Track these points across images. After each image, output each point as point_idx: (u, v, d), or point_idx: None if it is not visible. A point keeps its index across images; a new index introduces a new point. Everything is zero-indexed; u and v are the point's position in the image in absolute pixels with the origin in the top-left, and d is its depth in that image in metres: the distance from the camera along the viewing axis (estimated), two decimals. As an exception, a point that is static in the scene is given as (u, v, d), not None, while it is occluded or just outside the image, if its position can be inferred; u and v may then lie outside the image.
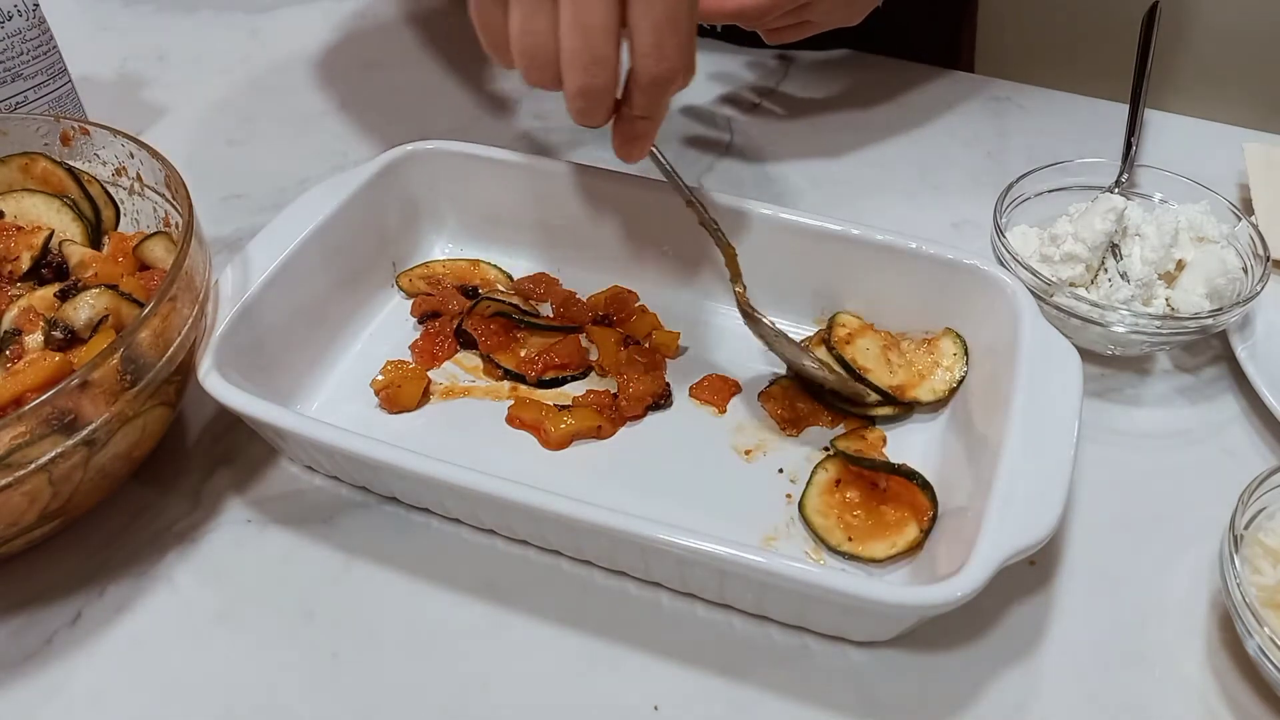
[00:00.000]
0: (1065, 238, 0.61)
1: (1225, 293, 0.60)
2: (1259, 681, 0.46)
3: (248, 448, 0.56)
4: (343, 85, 0.86)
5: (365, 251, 0.63)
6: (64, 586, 0.50)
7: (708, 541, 0.43)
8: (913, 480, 0.51)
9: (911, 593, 0.43)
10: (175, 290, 0.48)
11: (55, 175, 0.59)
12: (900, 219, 0.72)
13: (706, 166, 0.77)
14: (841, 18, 0.71)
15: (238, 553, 0.51)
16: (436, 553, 0.51)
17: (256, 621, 0.49)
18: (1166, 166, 0.67)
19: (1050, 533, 0.44)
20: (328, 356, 0.60)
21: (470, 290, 0.64)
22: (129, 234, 0.59)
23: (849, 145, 0.80)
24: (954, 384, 0.57)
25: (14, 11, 0.66)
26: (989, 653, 0.48)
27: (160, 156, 0.55)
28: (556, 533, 0.49)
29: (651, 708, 0.46)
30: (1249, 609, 0.44)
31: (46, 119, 0.59)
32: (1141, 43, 0.78)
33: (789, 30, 0.71)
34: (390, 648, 0.48)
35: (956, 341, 0.58)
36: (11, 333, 0.51)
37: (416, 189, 0.65)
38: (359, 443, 0.48)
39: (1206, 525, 0.52)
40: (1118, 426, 0.59)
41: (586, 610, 0.49)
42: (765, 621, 0.48)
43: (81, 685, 0.46)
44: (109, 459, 0.47)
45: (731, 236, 0.61)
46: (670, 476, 0.55)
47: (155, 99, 0.85)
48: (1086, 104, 0.84)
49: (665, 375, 0.59)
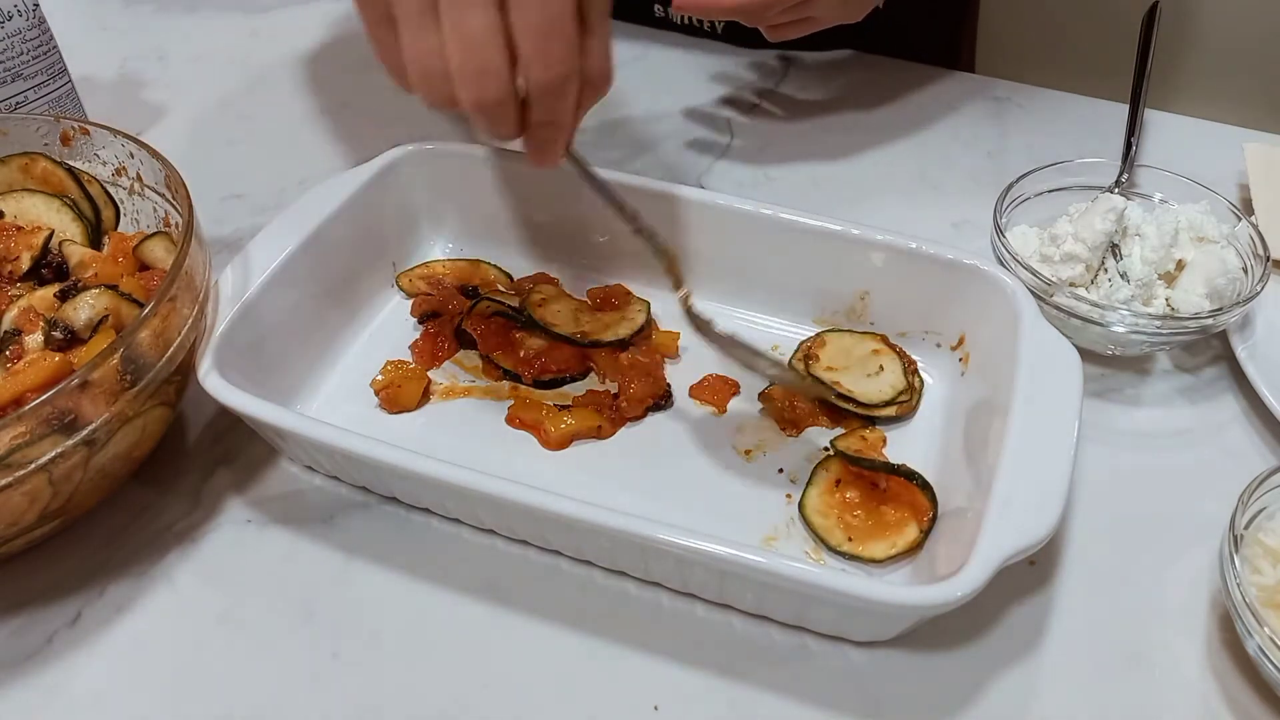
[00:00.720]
0: (1065, 238, 0.61)
1: (1225, 293, 0.60)
2: (1259, 681, 0.46)
3: (248, 448, 0.56)
4: (343, 85, 0.86)
5: (365, 251, 0.63)
6: (64, 586, 0.50)
7: (708, 541, 0.43)
8: (912, 480, 0.51)
9: (911, 593, 0.43)
10: (175, 290, 0.48)
11: (55, 175, 0.59)
12: (900, 219, 0.72)
13: (706, 167, 0.77)
14: (842, 14, 0.71)
15: (238, 553, 0.51)
16: (436, 553, 0.51)
17: (256, 621, 0.49)
18: (1166, 166, 0.67)
19: (1050, 533, 0.44)
20: (328, 356, 0.60)
21: (470, 290, 0.64)
22: (129, 234, 0.59)
23: (849, 145, 0.80)
24: (896, 392, 0.57)
25: (14, 11, 0.66)
26: (989, 653, 0.48)
27: (160, 156, 0.55)
28: (556, 533, 0.49)
29: (651, 708, 0.46)
30: (1249, 609, 0.44)
31: (46, 119, 0.59)
32: (1141, 43, 0.78)
33: (790, 27, 0.70)
34: (390, 648, 0.48)
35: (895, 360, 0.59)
36: (11, 333, 0.51)
37: (416, 189, 0.65)
38: (359, 443, 0.48)
39: (1206, 525, 0.52)
40: (1118, 426, 0.59)
41: (586, 610, 0.49)
42: (765, 621, 0.48)
43: (81, 685, 0.46)
44: (109, 459, 0.47)
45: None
46: (670, 476, 0.55)
47: (155, 99, 0.85)
48: (1086, 104, 0.84)
49: (665, 377, 0.59)
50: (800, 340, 0.61)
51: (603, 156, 0.78)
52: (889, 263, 0.59)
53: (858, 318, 0.62)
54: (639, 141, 0.80)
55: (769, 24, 0.69)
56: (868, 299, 0.61)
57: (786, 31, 0.71)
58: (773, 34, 0.71)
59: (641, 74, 0.87)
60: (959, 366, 0.59)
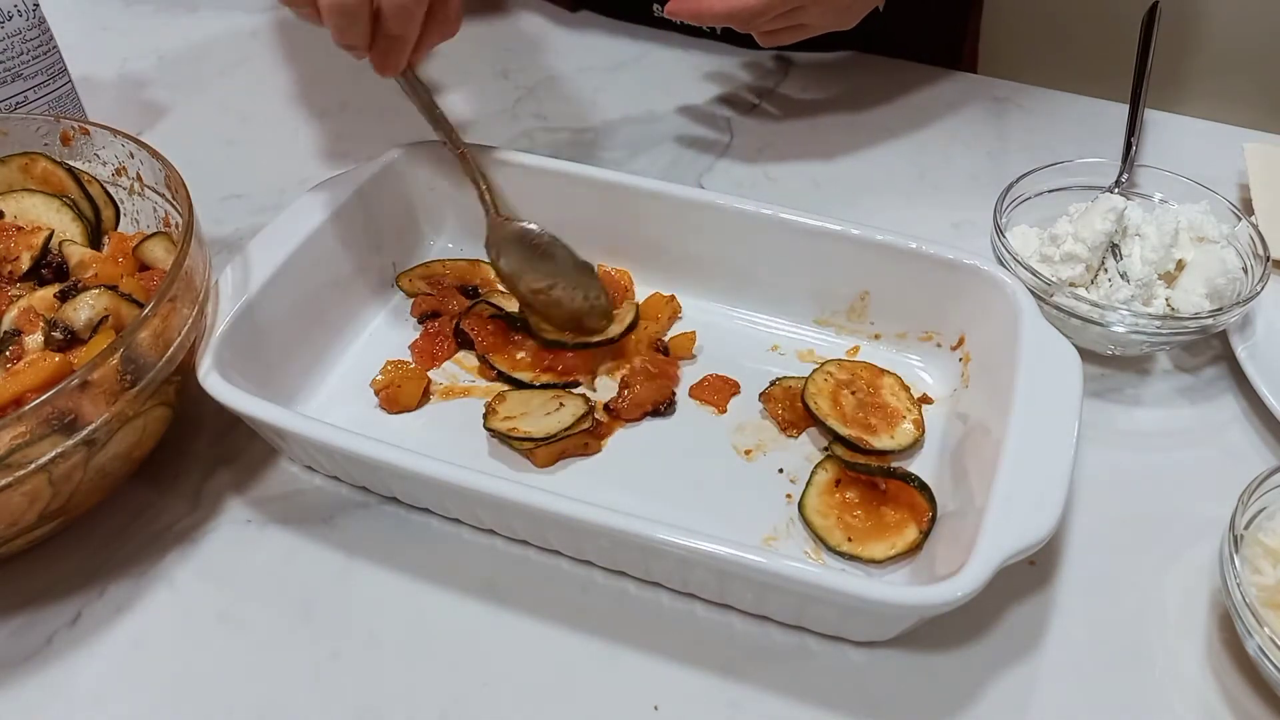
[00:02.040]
0: (1065, 238, 0.61)
1: (1225, 293, 0.60)
2: (1259, 681, 0.46)
3: (248, 448, 0.56)
4: (343, 85, 0.86)
5: (365, 251, 0.63)
6: (64, 586, 0.50)
7: (708, 541, 0.43)
8: (909, 483, 0.51)
9: (911, 593, 0.43)
10: (175, 290, 0.48)
11: (55, 175, 0.59)
12: (900, 219, 0.72)
13: (706, 166, 0.77)
14: (835, 22, 0.71)
15: (238, 553, 0.51)
16: (436, 553, 0.51)
17: (256, 621, 0.49)
18: (1166, 166, 0.67)
19: (1050, 533, 0.44)
20: (328, 356, 0.60)
21: (470, 290, 0.64)
22: (129, 234, 0.59)
23: (849, 145, 0.80)
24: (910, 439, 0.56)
25: (14, 11, 0.66)
26: (989, 653, 0.48)
27: (160, 156, 0.55)
28: (556, 533, 0.49)
29: (651, 708, 0.46)
30: (1249, 609, 0.44)
31: (47, 119, 0.59)
32: (1141, 43, 0.78)
33: (783, 33, 0.71)
34: (390, 648, 0.48)
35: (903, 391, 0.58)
36: (11, 333, 0.51)
37: (416, 189, 0.65)
38: (359, 443, 0.48)
39: (1206, 525, 0.52)
40: (1118, 426, 0.59)
41: (586, 610, 0.49)
42: (765, 621, 0.48)
43: (81, 685, 0.46)
44: (109, 459, 0.47)
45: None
46: (670, 476, 0.55)
47: (155, 99, 0.85)
48: (1086, 104, 0.84)
49: (675, 385, 0.59)
50: (798, 340, 0.62)
51: (603, 156, 0.78)
52: (889, 263, 0.59)
53: (858, 318, 0.62)
54: (639, 141, 0.80)
55: (760, 31, 0.70)
56: (868, 299, 0.61)
57: (779, 38, 0.71)
58: (765, 40, 0.71)
59: (641, 74, 0.87)
60: (959, 367, 0.59)
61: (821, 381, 0.57)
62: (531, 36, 0.94)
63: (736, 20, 0.68)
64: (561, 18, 0.96)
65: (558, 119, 0.83)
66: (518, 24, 0.95)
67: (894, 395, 0.58)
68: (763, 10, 0.66)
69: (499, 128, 0.81)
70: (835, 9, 0.69)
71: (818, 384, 0.57)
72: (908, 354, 0.61)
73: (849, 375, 0.58)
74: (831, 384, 0.57)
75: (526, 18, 0.96)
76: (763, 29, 0.70)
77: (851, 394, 0.57)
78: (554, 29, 0.95)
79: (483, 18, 0.96)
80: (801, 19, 0.69)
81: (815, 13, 0.69)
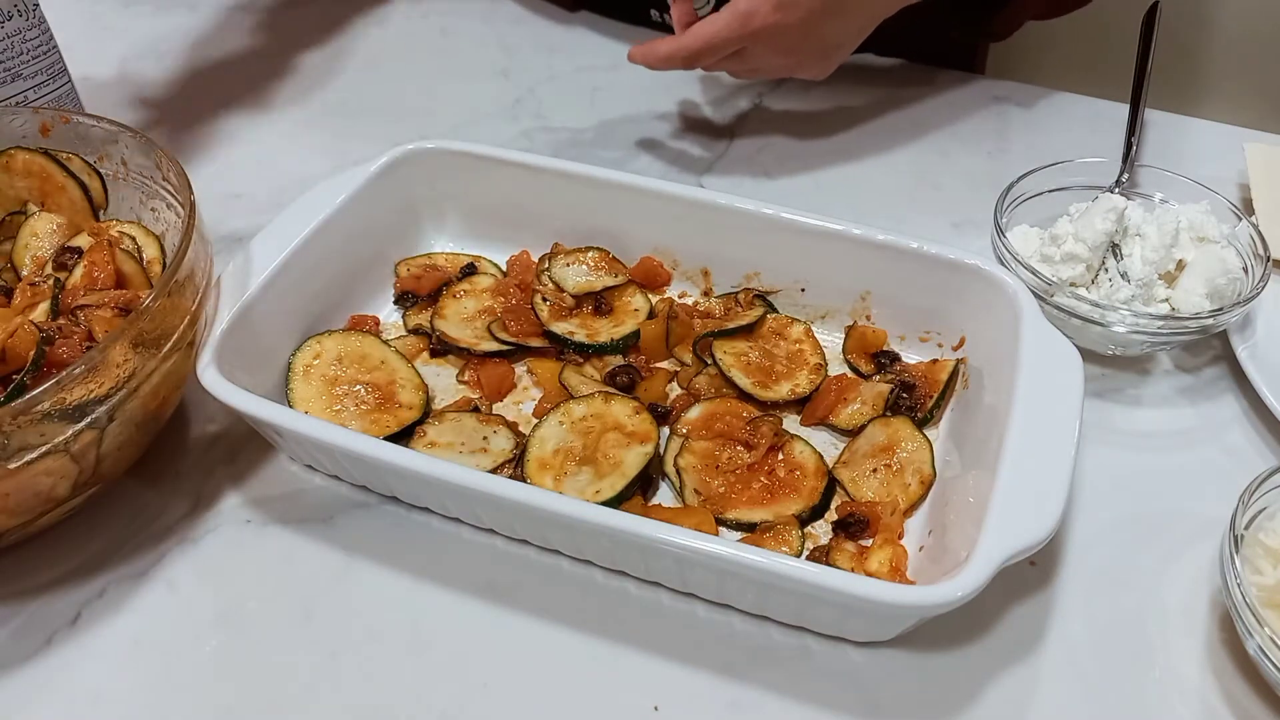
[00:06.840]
0: (1066, 237, 0.61)
1: (1225, 293, 0.60)
2: (1259, 681, 0.46)
3: (248, 448, 0.56)
4: (344, 85, 0.86)
5: (366, 250, 0.63)
6: (64, 586, 0.50)
7: (708, 541, 0.43)
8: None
9: (911, 593, 0.43)
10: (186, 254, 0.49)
11: (36, 163, 0.59)
12: (900, 219, 0.72)
13: (706, 166, 0.77)
14: (798, 67, 0.72)
15: (238, 553, 0.51)
16: (436, 553, 0.51)
17: (256, 621, 0.49)
18: (1167, 166, 0.67)
19: (1050, 533, 0.44)
20: (328, 356, 0.60)
21: (467, 268, 0.65)
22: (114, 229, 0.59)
23: (849, 145, 0.80)
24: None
25: (14, 11, 0.66)
26: (989, 653, 0.48)
27: (163, 150, 0.55)
28: (556, 533, 0.49)
29: (651, 708, 0.46)
30: (1249, 609, 0.44)
31: (26, 111, 0.59)
32: (1141, 43, 0.78)
33: (743, 73, 0.73)
34: (390, 648, 0.48)
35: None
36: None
37: (417, 188, 0.65)
38: (359, 441, 0.48)
39: (1206, 525, 0.52)
40: (1118, 426, 0.59)
41: (586, 610, 0.49)
42: (765, 621, 0.48)
43: (81, 685, 0.46)
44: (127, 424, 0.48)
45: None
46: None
47: (155, 99, 0.85)
48: (1086, 104, 0.84)
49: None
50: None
51: (603, 156, 0.78)
52: (889, 263, 0.59)
53: (858, 318, 0.62)
54: (639, 141, 0.80)
55: (711, 71, 0.71)
56: (868, 299, 0.61)
57: (741, 76, 0.73)
58: (730, 75, 0.73)
59: (641, 74, 0.87)
60: (959, 366, 0.59)
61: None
62: (531, 37, 0.94)
63: (678, 61, 0.69)
64: (561, 18, 0.96)
65: (558, 119, 0.83)
66: (517, 25, 0.95)
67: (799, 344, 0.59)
68: (703, 52, 0.68)
69: (499, 128, 0.81)
70: (782, 50, 0.69)
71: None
72: (908, 354, 0.61)
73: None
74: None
75: (526, 18, 0.96)
76: (711, 69, 0.71)
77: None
78: (554, 29, 0.95)
79: (483, 17, 0.96)
80: (752, 62, 0.70)
81: (761, 54, 0.69)
